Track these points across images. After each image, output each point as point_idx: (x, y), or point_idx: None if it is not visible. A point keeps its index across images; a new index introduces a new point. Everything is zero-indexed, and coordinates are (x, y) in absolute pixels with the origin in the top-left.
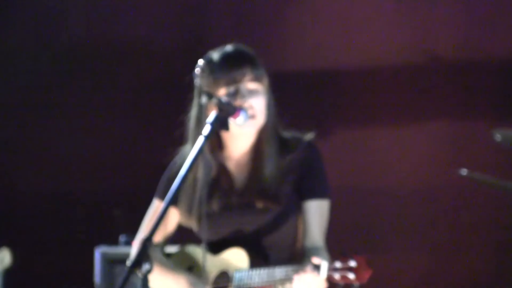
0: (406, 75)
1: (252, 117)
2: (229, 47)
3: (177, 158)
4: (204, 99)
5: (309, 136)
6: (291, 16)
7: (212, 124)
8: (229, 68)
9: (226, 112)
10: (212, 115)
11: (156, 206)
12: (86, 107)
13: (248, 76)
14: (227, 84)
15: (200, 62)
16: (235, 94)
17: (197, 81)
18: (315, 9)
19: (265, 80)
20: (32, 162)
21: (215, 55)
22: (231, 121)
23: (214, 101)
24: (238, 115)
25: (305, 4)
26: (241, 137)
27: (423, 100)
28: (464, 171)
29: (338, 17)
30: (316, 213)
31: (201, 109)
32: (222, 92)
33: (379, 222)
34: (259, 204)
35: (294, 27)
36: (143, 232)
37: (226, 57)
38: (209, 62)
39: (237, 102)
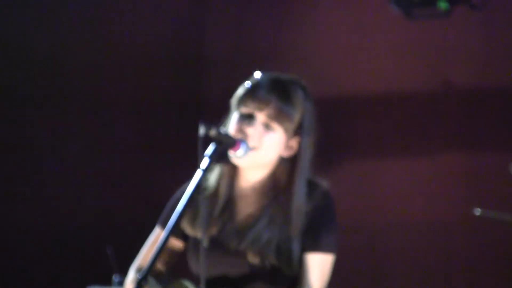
0: (418, 104)
1: (253, 149)
2: (275, 74)
3: (186, 184)
4: (201, 130)
5: (325, 183)
6: (294, 41)
7: (211, 157)
8: (251, 94)
9: (225, 144)
10: (210, 147)
11: (157, 233)
12: (78, 141)
13: (266, 111)
14: (243, 107)
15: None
16: (245, 118)
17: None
18: (321, 34)
19: (288, 123)
20: (22, 198)
21: (259, 75)
22: (231, 154)
23: (212, 132)
24: (238, 148)
25: (311, 28)
26: (248, 171)
27: (436, 131)
28: (477, 211)
29: (346, 43)
30: (318, 268)
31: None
32: (237, 113)
33: (388, 260)
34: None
35: (298, 52)
36: (139, 260)
37: (259, 81)
38: (250, 79)
39: (242, 127)
